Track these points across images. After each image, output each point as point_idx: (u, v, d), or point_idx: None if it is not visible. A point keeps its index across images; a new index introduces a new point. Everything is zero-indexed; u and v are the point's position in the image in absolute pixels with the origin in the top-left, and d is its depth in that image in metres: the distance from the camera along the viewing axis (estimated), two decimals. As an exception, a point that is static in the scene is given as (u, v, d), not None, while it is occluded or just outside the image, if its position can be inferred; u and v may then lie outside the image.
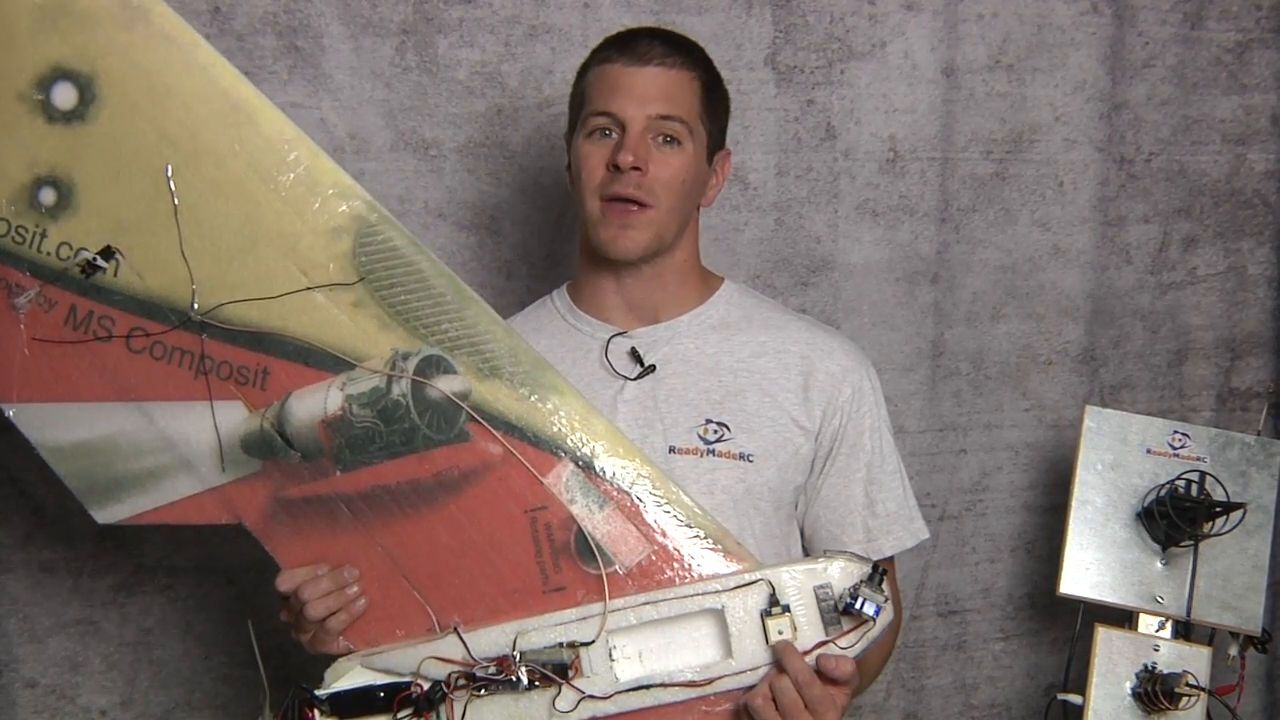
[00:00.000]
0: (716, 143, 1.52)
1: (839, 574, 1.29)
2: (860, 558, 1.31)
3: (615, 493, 1.33)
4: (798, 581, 1.30)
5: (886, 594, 1.27)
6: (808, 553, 1.57)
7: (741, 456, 1.45)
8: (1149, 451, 1.91)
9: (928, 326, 2.18)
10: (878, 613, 1.26)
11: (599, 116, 1.44)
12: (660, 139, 1.44)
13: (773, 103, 2.05)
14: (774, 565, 1.33)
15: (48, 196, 1.34)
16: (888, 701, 2.26)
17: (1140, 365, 2.30)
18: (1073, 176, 2.20)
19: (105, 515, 1.38)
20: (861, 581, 1.27)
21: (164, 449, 1.36)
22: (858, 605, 1.26)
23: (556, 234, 2.02)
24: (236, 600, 1.99)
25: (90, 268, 1.34)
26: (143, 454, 1.36)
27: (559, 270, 1.98)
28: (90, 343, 1.35)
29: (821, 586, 1.29)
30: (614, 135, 1.44)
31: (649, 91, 1.43)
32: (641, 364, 1.49)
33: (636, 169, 1.42)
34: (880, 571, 1.28)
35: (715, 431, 1.46)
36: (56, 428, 1.36)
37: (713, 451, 1.45)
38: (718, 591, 1.30)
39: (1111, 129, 2.20)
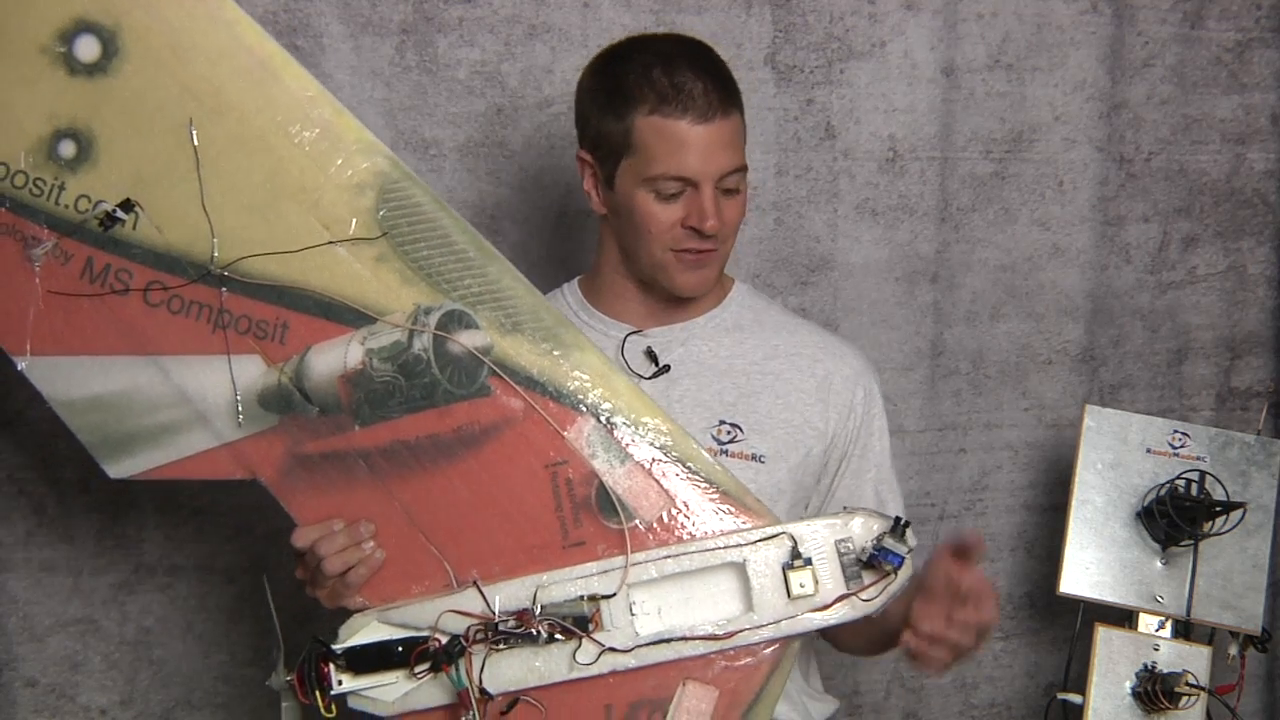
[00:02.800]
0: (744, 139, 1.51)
1: (859, 528, 1.30)
2: (880, 514, 1.32)
3: (636, 448, 1.33)
4: (819, 535, 1.30)
5: (911, 545, 1.28)
6: None
7: (753, 457, 1.46)
8: (1149, 451, 1.91)
9: (927, 326, 2.18)
10: (900, 563, 1.27)
11: (671, 181, 1.40)
12: (724, 191, 1.43)
13: (772, 102, 2.05)
14: (795, 520, 1.33)
15: (67, 149, 1.33)
16: (887, 701, 2.26)
17: (1140, 365, 2.30)
18: (1072, 176, 2.20)
19: (118, 470, 1.37)
20: (885, 533, 1.28)
21: (179, 403, 1.35)
22: (881, 556, 1.27)
23: (556, 233, 2.02)
24: (237, 599, 1.99)
25: (109, 220, 1.33)
26: (157, 408, 1.35)
27: (559, 269, 1.98)
28: (107, 296, 1.34)
29: (843, 540, 1.30)
30: (681, 192, 1.41)
31: (715, 149, 1.40)
32: (656, 363, 1.49)
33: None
34: (903, 524, 1.29)
35: (728, 432, 1.47)
36: (70, 381, 1.36)
37: (725, 452, 1.46)
38: (739, 545, 1.30)
39: (1111, 128, 2.20)
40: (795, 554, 1.30)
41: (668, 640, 1.29)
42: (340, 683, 1.29)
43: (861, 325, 2.15)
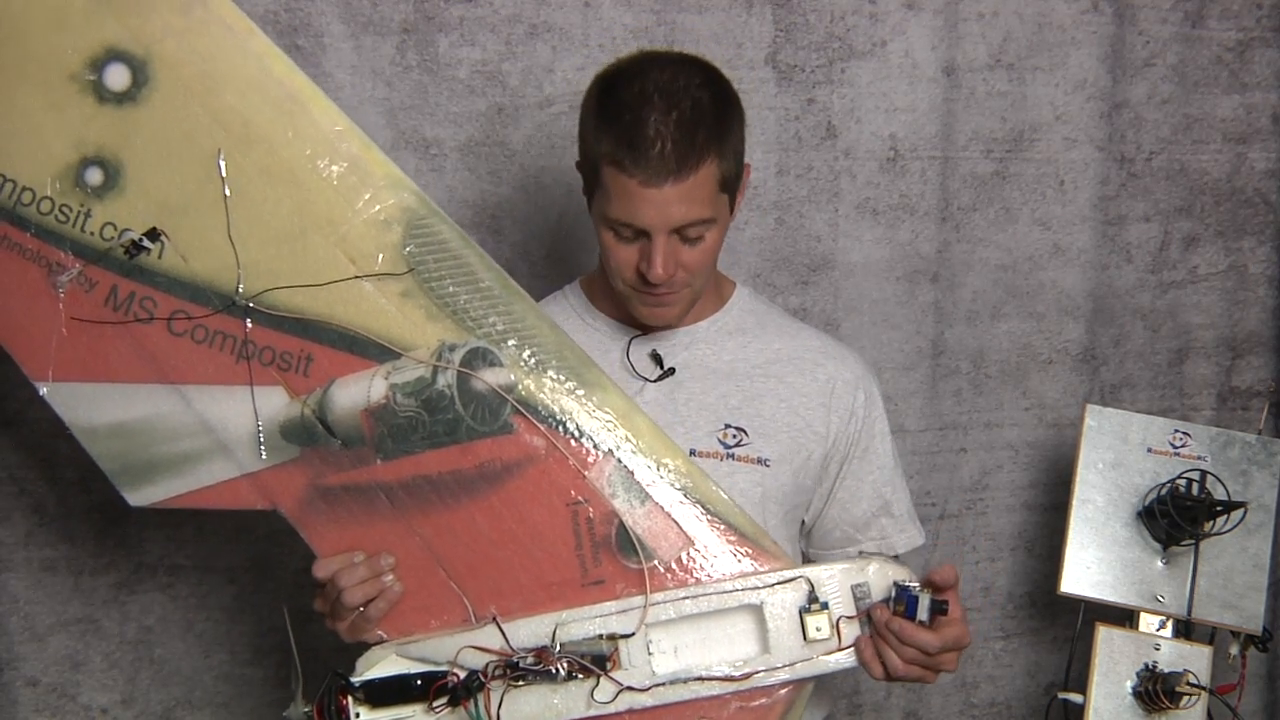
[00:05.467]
0: (737, 176, 1.44)
1: (875, 574, 1.31)
2: (896, 561, 1.33)
3: (656, 489, 1.33)
4: (836, 580, 1.31)
5: (925, 619, 1.27)
6: (808, 556, 1.60)
7: (759, 461, 1.47)
8: (1150, 450, 1.91)
9: (928, 325, 2.18)
10: (913, 616, 1.27)
11: (624, 226, 1.36)
12: (683, 239, 1.38)
13: (773, 102, 2.05)
14: (812, 564, 1.35)
15: (94, 176, 1.34)
16: (888, 700, 2.26)
17: (1141, 364, 2.30)
18: (1073, 175, 2.20)
19: (138, 498, 1.37)
20: (925, 589, 1.28)
21: (201, 433, 1.35)
22: (902, 595, 1.27)
23: (557, 233, 2.02)
24: (237, 599, 1.99)
25: (135, 249, 1.33)
26: (179, 437, 1.35)
27: (560, 269, 1.99)
28: (130, 324, 1.34)
29: (859, 585, 1.31)
30: (638, 237, 1.38)
31: (669, 206, 1.35)
32: (662, 366, 1.49)
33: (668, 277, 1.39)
34: (942, 605, 1.28)
35: (734, 436, 1.47)
36: (91, 408, 1.36)
37: (732, 456, 1.46)
38: (757, 588, 1.31)
39: (1112, 128, 2.20)
40: (812, 597, 1.31)
41: (684, 680, 1.30)
42: (358, 715, 1.30)
43: (862, 325, 2.15)
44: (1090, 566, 1.86)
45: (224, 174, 1.32)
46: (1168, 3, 2.18)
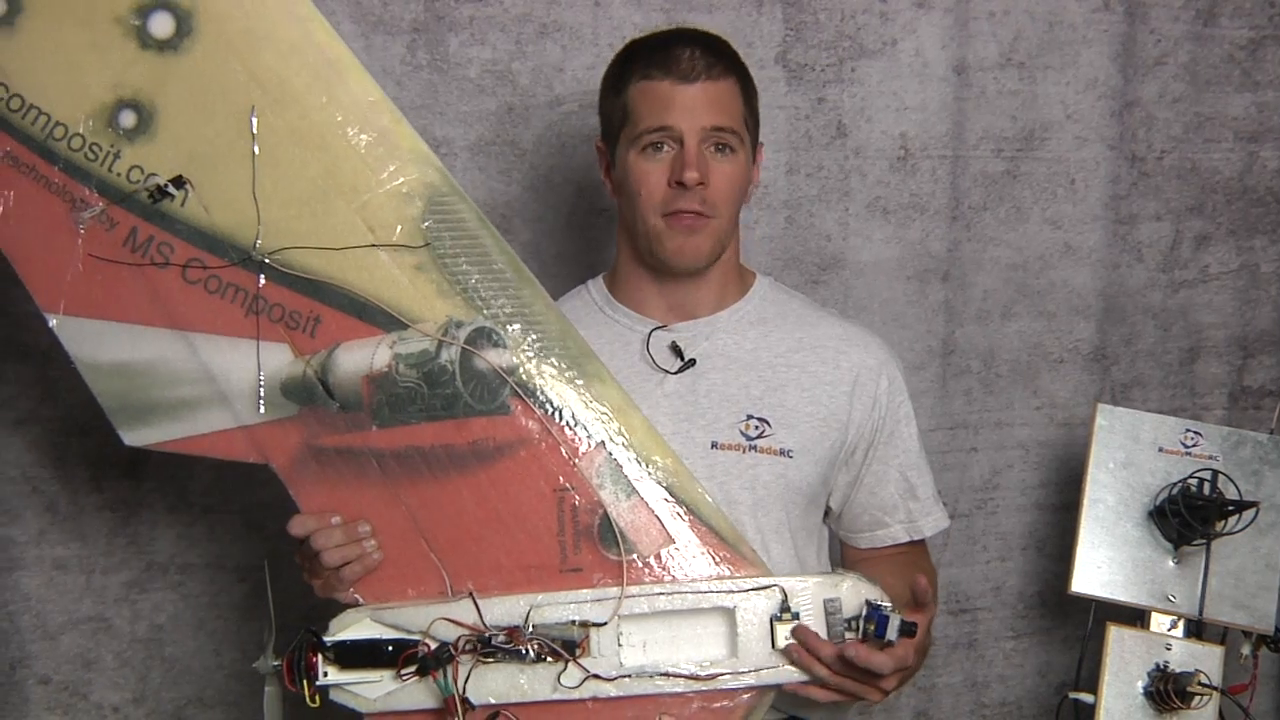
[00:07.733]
0: (756, 127, 1.53)
1: (848, 590, 1.32)
2: (869, 580, 1.33)
3: (643, 485, 1.35)
4: (810, 592, 1.33)
5: (893, 640, 1.28)
6: (836, 538, 1.63)
7: (782, 452, 1.48)
8: (1161, 450, 1.90)
9: (939, 324, 2.18)
10: (882, 637, 1.28)
11: (654, 132, 1.44)
12: (714, 148, 1.45)
13: (783, 100, 2.05)
14: (788, 575, 1.36)
15: (128, 119, 1.36)
16: (898, 700, 2.26)
17: (1152, 363, 2.29)
18: (1084, 174, 2.19)
19: (133, 437, 1.39)
20: (896, 610, 1.28)
21: (203, 381, 1.37)
22: (874, 615, 1.27)
23: (567, 231, 2.02)
24: (248, 597, 2.00)
25: (159, 194, 1.36)
26: (181, 383, 1.37)
27: (570, 268, 1.99)
28: (146, 267, 1.37)
29: (831, 600, 1.32)
30: (669, 149, 1.44)
31: (700, 105, 1.43)
32: (682, 358, 1.50)
33: (701, 184, 1.43)
34: (910, 626, 1.29)
35: (756, 427, 1.48)
36: (98, 345, 1.38)
37: (754, 447, 1.47)
38: (732, 591, 1.33)
39: (1123, 126, 2.20)
40: (785, 607, 1.32)
41: (650, 674, 1.32)
42: (326, 674, 1.32)
43: (872, 324, 2.14)
44: (1101, 566, 1.85)
45: (255, 131, 1.35)
46: (1179, 1, 2.18)
